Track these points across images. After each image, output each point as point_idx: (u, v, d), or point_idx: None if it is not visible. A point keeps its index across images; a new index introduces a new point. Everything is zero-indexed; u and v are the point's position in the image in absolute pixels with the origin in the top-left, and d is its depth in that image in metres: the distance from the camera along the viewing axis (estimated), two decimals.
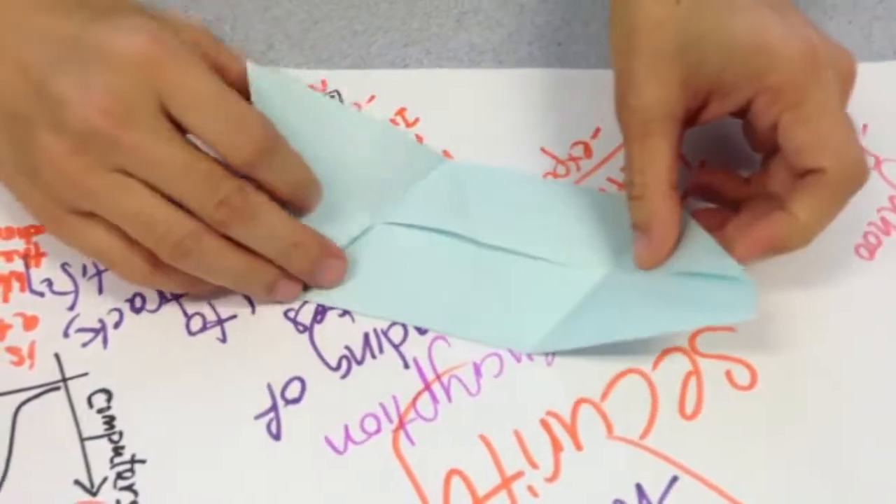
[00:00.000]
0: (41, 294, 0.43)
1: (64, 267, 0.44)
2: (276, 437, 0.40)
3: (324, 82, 0.51)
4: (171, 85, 0.37)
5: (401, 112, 0.50)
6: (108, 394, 0.41)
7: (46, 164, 0.37)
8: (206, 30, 0.42)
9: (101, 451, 0.39)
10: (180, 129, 0.38)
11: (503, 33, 0.54)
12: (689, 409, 0.41)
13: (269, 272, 0.41)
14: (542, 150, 0.49)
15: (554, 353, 0.42)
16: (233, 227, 0.39)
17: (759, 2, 0.39)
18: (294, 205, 0.42)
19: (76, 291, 0.43)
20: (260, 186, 0.40)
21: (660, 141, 0.40)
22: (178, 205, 0.38)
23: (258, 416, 0.40)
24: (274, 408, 0.40)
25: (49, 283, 0.44)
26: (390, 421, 0.40)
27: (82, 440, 0.39)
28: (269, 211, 0.39)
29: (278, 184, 0.40)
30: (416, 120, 0.50)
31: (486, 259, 0.44)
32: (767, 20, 0.39)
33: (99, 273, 0.44)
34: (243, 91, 0.42)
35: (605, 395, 0.41)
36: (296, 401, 0.41)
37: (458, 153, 0.49)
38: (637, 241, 0.42)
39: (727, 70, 0.39)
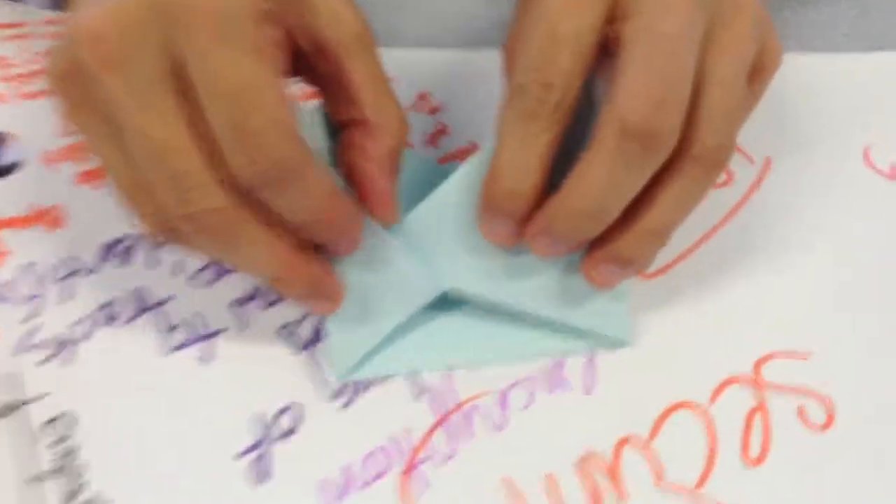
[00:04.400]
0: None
1: (29, 267, 0.38)
2: (263, 478, 0.34)
3: None
4: (189, 49, 0.29)
5: (422, 97, 0.44)
6: (71, 420, 0.35)
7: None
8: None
9: (59, 488, 0.33)
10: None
11: None
12: (753, 453, 0.35)
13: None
14: None
15: (593, 382, 0.36)
16: (195, 243, 0.32)
17: None
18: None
19: (40, 297, 0.38)
20: None
21: None
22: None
23: (244, 453, 0.34)
24: (262, 443, 0.34)
25: (9, 286, 0.38)
26: (400, 460, 0.34)
27: (36, 476, 0.33)
28: (252, 241, 0.32)
29: (289, 217, 0.32)
30: (439, 106, 0.44)
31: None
32: None
33: (70, 275, 0.38)
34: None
35: (654, 434, 0.35)
36: (288, 434, 0.35)
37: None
38: None
39: None
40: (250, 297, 0.38)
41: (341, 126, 0.34)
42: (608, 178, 0.31)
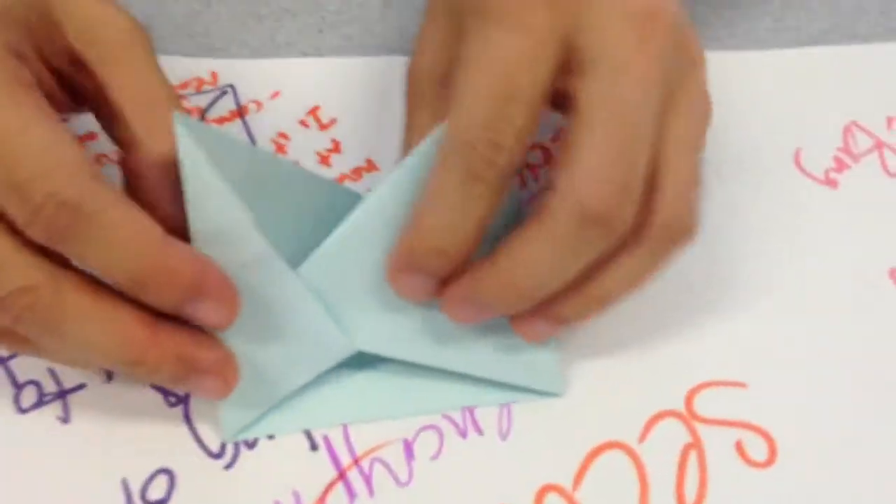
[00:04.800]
0: None
1: None
2: None
3: (214, 75, 0.41)
4: None
5: (313, 112, 0.40)
6: None
7: None
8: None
9: None
10: None
11: None
12: (689, 496, 0.31)
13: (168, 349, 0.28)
14: None
15: (509, 426, 0.32)
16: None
17: None
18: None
19: None
20: None
21: (426, 111, 0.33)
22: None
23: None
24: None
25: None
26: None
27: None
28: (83, 318, 0.27)
29: (110, 276, 0.27)
30: (332, 121, 0.40)
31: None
32: None
33: None
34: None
35: (578, 480, 0.31)
36: (160, 503, 0.30)
37: (384, 163, 0.39)
38: None
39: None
40: None
41: (121, 148, 0.30)
42: (556, 259, 0.28)
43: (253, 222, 0.29)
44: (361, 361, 0.32)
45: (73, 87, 0.30)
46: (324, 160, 0.39)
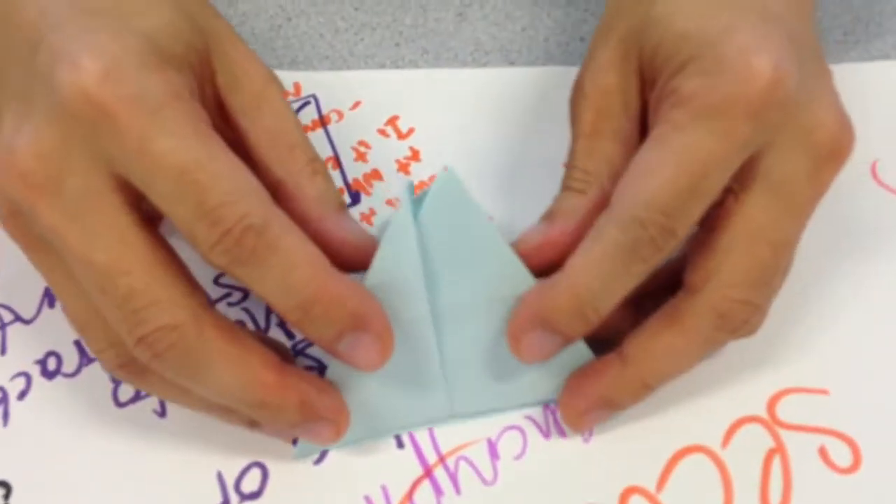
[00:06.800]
0: None
1: None
2: None
3: (297, 87, 0.42)
4: (123, 147, 0.26)
5: (392, 121, 0.41)
6: (6, 488, 0.31)
7: None
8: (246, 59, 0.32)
9: None
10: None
11: (514, 28, 0.45)
12: (774, 500, 0.31)
13: (290, 402, 0.29)
14: (565, 167, 0.39)
15: (591, 429, 0.32)
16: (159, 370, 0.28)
17: (760, 12, 0.30)
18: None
19: None
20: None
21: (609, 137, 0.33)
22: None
23: None
24: None
25: None
26: None
27: None
28: (222, 359, 0.28)
29: (277, 301, 0.27)
30: (411, 130, 0.41)
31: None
32: (742, 22, 0.29)
33: (3, 326, 0.34)
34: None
35: (661, 483, 0.31)
36: (254, 496, 0.31)
37: (462, 171, 0.39)
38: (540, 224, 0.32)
39: (656, 54, 0.30)
40: None
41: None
42: (677, 350, 0.30)
43: (425, 286, 0.30)
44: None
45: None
46: (403, 168, 0.40)
